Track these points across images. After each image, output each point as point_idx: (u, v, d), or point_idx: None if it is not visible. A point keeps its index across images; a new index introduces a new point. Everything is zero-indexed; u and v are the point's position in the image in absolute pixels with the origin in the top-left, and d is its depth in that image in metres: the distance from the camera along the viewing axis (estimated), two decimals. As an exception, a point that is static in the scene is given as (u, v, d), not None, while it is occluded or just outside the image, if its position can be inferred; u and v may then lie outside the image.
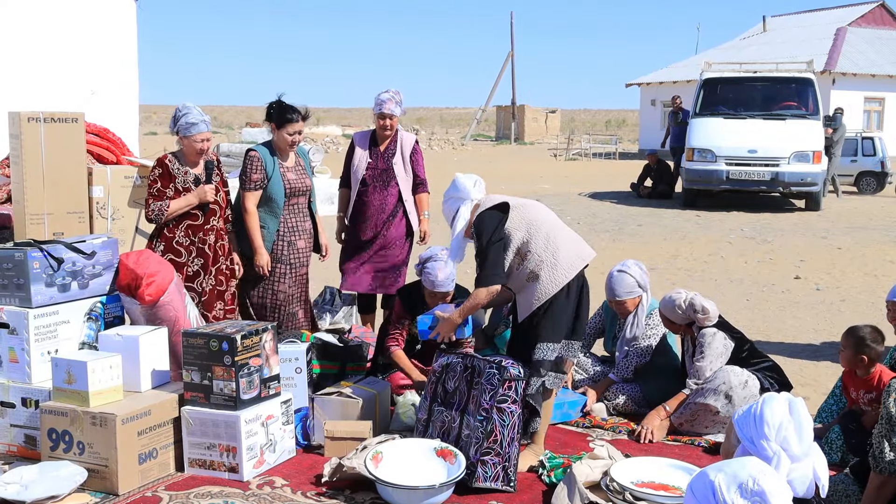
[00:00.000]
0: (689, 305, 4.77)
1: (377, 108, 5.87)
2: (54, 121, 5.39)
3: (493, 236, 4.04)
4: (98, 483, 3.85)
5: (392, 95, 5.85)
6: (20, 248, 4.14)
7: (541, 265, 4.04)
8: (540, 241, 4.07)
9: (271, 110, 5.32)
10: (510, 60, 47.06)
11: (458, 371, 4.10)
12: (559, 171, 26.58)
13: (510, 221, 4.09)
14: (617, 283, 5.09)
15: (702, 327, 4.79)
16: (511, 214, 4.10)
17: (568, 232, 4.22)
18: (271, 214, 5.36)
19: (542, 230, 4.10)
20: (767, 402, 2.55)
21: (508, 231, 4.08)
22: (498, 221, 4.08)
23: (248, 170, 5.32)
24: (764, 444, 2.47)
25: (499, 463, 3.88)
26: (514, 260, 4.07)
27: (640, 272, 5.13)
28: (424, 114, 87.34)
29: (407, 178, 5.97)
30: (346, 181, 6.03)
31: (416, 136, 6.30)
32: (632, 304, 5.13)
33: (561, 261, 4.06)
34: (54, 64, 9.45)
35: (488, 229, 4.05)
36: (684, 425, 4.70)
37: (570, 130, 44.94)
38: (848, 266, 10.33)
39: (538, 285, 4.05)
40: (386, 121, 5.85)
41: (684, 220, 14.60)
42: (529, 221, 4.10)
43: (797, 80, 16.89)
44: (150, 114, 49.11)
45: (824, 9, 40.23)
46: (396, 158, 5.93)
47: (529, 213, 4.15)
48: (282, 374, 4.30)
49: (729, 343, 4.77)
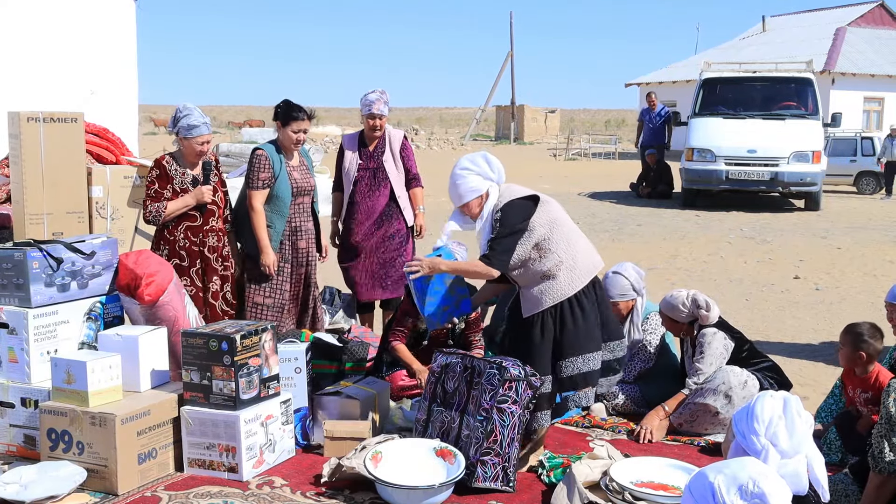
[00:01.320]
0: (693, 301, 4.77)
1: (366, 108, 5.87)
2: (54, 121, 5.39)
3: (518, 226, 4.03)
4: (97, 483, 3.84)
5: (379, 95, 5.87)
6: (20, 248, 4.14)
7: (560, 266, 4.04)
8: (562, 242, 4.06)
9: (278, 109, 5.35)
10: (510, 60, 47.05)
11: (457, 371, 4.10)
12: (559, 170, 26.59)
13: (536, 215, 4.07)
14: (611, 285, 5.08)
15: (703, 326, 4.79)
16: (539, 209, 4.09)
17: (584, 238, 4.24)
18: (278, 214, 5.36)
19: (564, 231, 4.09)
20: (761, 398, 2.56)
21: (533, 225, 4.06)
22: (526, 213, 4.06)
23: (256, 168, 5.30)
24: (753, 438, 2.49)
25: (498, 463, 3.88)
26: (531, 253, 4.05)
27: (636, 276, 5.13)
28: (424, 114, 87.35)
29: (399, 175, 5.98)
30: (338, 184, 6.04)
31: (405, 132, 6.32)
32: (625, 308, 5.11)
33: (579, 264, 4.08)
34: (54, 64, 9.43)
35: (516, 218, 4.03)
36: (684, 425, 4.70)
37: (569, 130, 44.93)
38: (847, 266, 10.33)
39: (555, 284, 4.04)
40: (375, 121, 5.86)
41: (684, 219, 14.60)
42: (553, 219, 4.09)
43: (797, 80, 16.89)
44: (150, 114, 49.05)
45: (824, 9, 40.23)
46: (386, 156, 5.94)
47: (553, 211, 4.14)
48: (281, 373, 4.30)
49: (729, 343, 4.77)
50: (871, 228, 13.69)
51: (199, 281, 5.12)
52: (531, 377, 3.97)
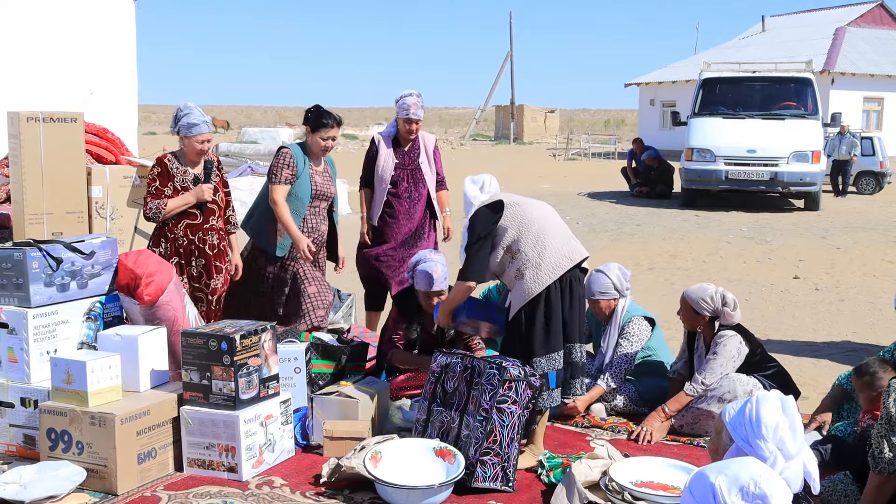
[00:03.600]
0: (721, 297, 4.73)
1: (403, 112, 5.87)
2: (53, 120, 5.38)
3: (482, 233, 4.13)
4: (97, 483, 3.84)
5: (416, 99, 5.88)
6: (19, 248, 4.14)
7: (527, 264, 4.11)
8: (529, 240, 4.13)
9: (309, 114, 5.42)
10: (509, 60, 47.10)
11: (457, 371, 4.10)
12: (558, 170, 26.59)
13: (503, 219, 4.16)
14: (592, 282, 5.08)
15: (723, 326, 4.76)
16: (505, 213, 4.17)
17: (562, 231, 4.25)
18: (294, 213, 5.37)
19: (533, 229, 4.15)
20: (762, 403, 2.55)
21: (501, 228, 4.15)
22: (489, 220, 4.15)
23: (280, 164, 5.35)
24: (761, 444, 2.47)
25: (498, 463, 3.88)
26: (504, 257, 4.16)
27: (620, 276, 5.12)
28: (424, 113, 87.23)
29: (432, 177, 6.04)
30: (367, 181, 6.02)
31: (436, 136, 6.37)
32: (605, 306, 5.10)
33: (546, 261, 4.11)
34: (53, 64, 9.42)
35: (477, 228, 4.15)
36: (685, 427, 4.70)
37: (569, 130, 44.97)
38: (847, 266, 10.33)
39: (523, 284, 4.11)
40: (412, 125, 5.88)
41: (683, 219, 14.60)
42: (521, 220, 4.16)
43: (796, 80, 16.90)
44: (150, 114, 49.06)
45: (823, 9, 40.26)
46: (422, 158, 5.99)
47: (524, 211, 4.20)
48: (281, 373, 4.30)
49: (743, 348, 4.71)
50: (870, 228, 13.69)
51: (198, 279, 5.13)
52: (531, 377, 3.98)
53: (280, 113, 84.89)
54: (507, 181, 4.34)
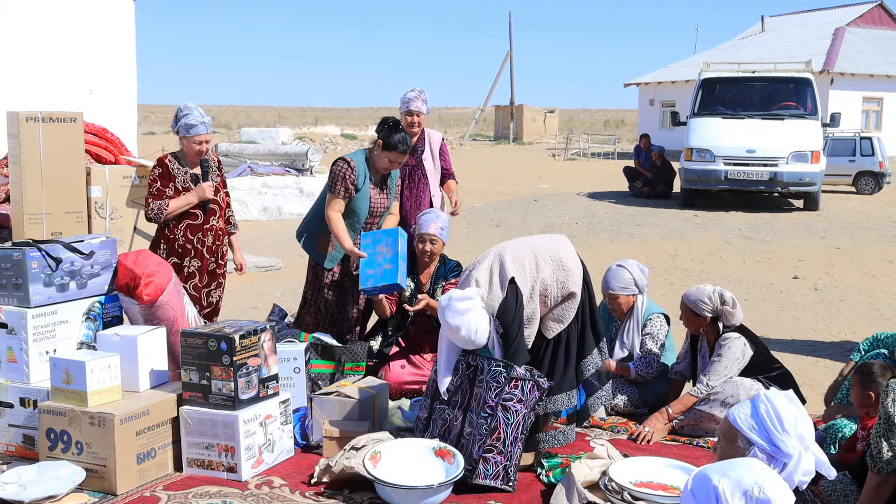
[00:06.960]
0: (719, 297, 4.72)
1: (404, 106, 5.87)
2: (53, 120, 5.39)
3: (515, 317, 4.02)
4: (96, 483, 3.84)
5: (418, 94, 5.87)
6: (18, 248, 4.14)
7: (566, 282, 4.12)
8: (546, 270, 4.10)
9: (385, 126, 5.20)
10: (509, 60, 47.08)
11: (460, 369, 4.09)
12: (558, 170, 26.59)
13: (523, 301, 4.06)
14: (613, 277, 5.07)
15: (727, 327, 4.75)
16: (517, 283, 4.05)
17: (539, 240, 4.26)
18: (350, 229, 5.21)
19: (530, 260, 4.10)
20: (775, 400, 2.54)
21: (519, 292, 4.04)
22: (514, 301, 4.03)
23: (342, 177, 5.16)
24: (785, 440, 2.47)
25: (500, 462, 3.87)
26: (541, 309, 4.14)
27: (640, 273, 5.10)
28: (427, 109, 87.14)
29: (436, 175, 6.03)
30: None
31: (443, 134, 6.34)
32: (625, 303, 5.09)
33: (568, 264, 4.15)
34: (53, 64, 9.43)
35: (509, 315, 4.01)
36: (685, 429, 4.68)
37: (568, 130, 44.95)
38: (846, 266, 10.33)
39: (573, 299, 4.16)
40: (413, 118, 5.85)
41: (683, 220, 14.60)
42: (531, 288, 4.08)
43: (796, 80, 16.91)
44: (149, 113, 49.06)
45: (823, 9, 40.28)
46: (426, 155, 5.98)
47: (517, 254, 4.12)
48: (280, 373, 4.29)
49: (748, 350, 4.68)
50: (870, 228, 13.69)
51: (198, 279, 5.13)
52: (538, 378, 3.97)
53: (280, 113, 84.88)
54: (507, 181, 4.34)
